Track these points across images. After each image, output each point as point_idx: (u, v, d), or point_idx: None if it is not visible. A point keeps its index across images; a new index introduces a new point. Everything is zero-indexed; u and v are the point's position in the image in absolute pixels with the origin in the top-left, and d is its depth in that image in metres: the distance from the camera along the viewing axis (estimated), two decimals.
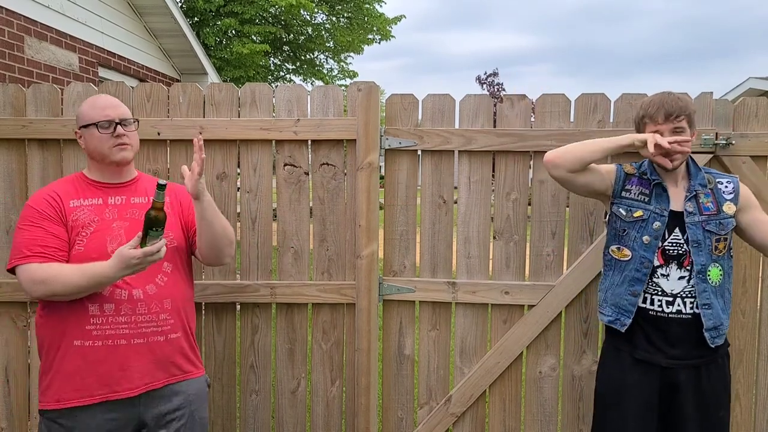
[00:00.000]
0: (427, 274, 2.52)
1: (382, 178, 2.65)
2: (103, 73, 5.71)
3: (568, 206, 2.45)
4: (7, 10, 4.33)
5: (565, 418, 2.50)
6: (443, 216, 2.49)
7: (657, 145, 1.87)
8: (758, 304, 2.42)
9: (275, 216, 2.52)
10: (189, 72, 7.54)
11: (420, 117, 2.46)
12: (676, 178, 2.00)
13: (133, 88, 2.48)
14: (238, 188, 2.50)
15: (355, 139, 2.42)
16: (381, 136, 2.43)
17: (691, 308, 1.94)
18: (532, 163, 2.46)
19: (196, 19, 13.53)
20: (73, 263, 1.77)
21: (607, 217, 2.11)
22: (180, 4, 12.79)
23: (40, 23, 4.72)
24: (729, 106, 2.37)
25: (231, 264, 2.51)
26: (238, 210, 2.51)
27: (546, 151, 2.39)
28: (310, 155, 2.49)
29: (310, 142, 2.47)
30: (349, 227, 2.49)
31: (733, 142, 2.32)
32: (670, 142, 1.87)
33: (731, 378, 2.08)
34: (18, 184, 2.49)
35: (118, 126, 1.86)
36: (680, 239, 1.95)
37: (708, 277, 1.94)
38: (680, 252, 1.95)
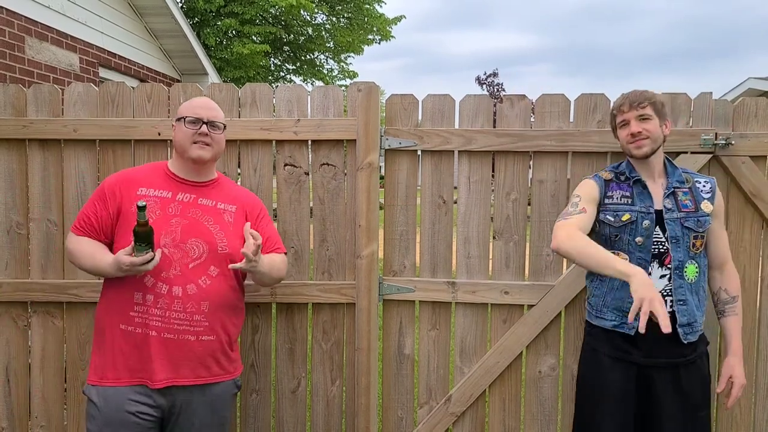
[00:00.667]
0: (427, 274, 2.52)
1: (382, 178, 2.66)
2: (103, 73, 5.71)
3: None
4: (7, 10, 4.34)
5: (564, 417, 2.50)
6: (443, 216, 2.50)
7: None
8: (757, 304, 2.43)
9: (275, 216, 2.53)
10: (189, 72, 7.54)
11: (420, 117, 2.47)
12: (653, 174, 2.03)
13: (133, 88, 2.49)
14: None
15: (355, 140, 2.43)
16: (381, 136, 2.44)
17: (671, 306, 1.96)
18: (531, 163, 2.46)
19: (196, 19, 13.54)
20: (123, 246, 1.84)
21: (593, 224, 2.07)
22: (180, 5, 12.80)
23: (41, 24, 4.72)
24: (728, 106, 2.37)
25: None
26: None
27: (546, 152, 2.41)
28: (310, 155, 2.50)
29: (310, 143, 2.48)
30: (349, 227, 2.50)
31: (733, 142, 2.32)
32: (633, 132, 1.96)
33: (711, 378, 2.09)
34: (18, 184, 2.50)
35: (204, 125, 1.95)
36: (661, 237, 1.97)
37: (684, 274, 1.96)
38: (662, 250, 1.97)
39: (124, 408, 1.84)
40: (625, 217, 2.00)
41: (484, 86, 35.12)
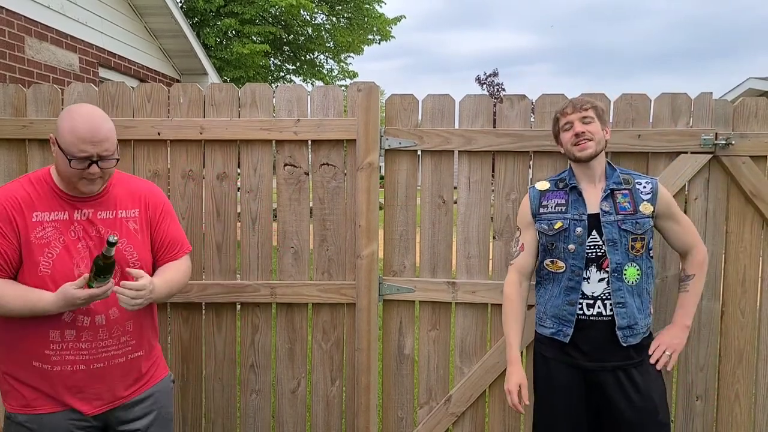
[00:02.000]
0: (427, 274, 2.52)
1: (382, 178, 2.66)
2: (103, 73, 5.71)
3: None
4: (7, 10, 4.34)
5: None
6: (443, 216, 2.50)
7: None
8: (757, 304, 2.42)
9: (275, 216, 2.53)
10: (189, 72, 7.54)
11: (420, 117, 2.47)
12: (593, 179, 2.04)
13: (133, 88, 2.48)
14: (239, 188, 2.51)
15: (355, 140, 2.43)
16: (381, 136, 2.44)
17: (611, 309, 1.97)
18: (531, 163, 2.46)
19: (196, 19, 13.54)
20: (37, 284, 1.70)
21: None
22: (180, 5, 12.80)
23: (41, 24, 4.72)
24: (728, 106, 2.37)
25: (231, 264, 2.52)
26: (239, 210, 2.51)
27: (546, 152, 2.41)
28: (310, 155, 2.50)
29: (310, 143, 2.48)
30: (349, 227, 2.49)
31: (733, 142, 2.32)
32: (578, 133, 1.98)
33: (664, 380, 2.07)
34: None
35: (93, 165, 1.69)
36: (598, 241, 1.98)
37: (624, 276, 1.97)
38: (599, 254, 1.98)
39: (63, 427, 1.77)
40: (558, 225, 2.03)
41: (484, 86, 35.09)
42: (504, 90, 34.31)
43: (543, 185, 2.13)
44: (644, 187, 2.04)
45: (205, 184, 2.49)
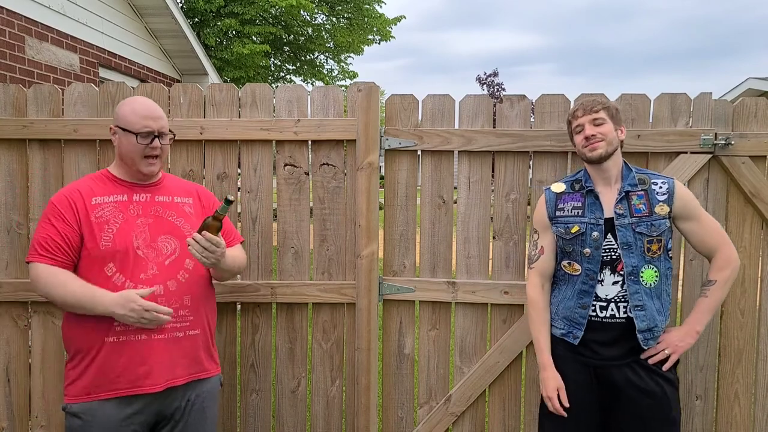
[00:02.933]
0: (427, 274, 2.52)
1: (382, 178, 2.66)
2: (103, 73, 5.72)
3: None
4: (7, 10, 4.34)
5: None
6: (443, 216, 2.50)
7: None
8: (757, 304, 2.43)
9: (275, 216, 2.53)
10: (189, 72, 7.55)
11: (420, 117, 2.47)
12: (609, 181, 2.02)
13: (133, 88, 2.49)
14: (239, 188, 2.51)
15: (355, 140, 2.43)
16: (381, 136, 2.44)
17: (625, 312, 1.96)
18: (531, 163, 2.46)
19: (196, 19, 13.55)
20: (99, 258, 1.80)
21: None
22: (180, 5, 12.81)
23: (41, 24, 4.73)
24: (728, 106, 2.38)
25: None
26: (239, 210, 2.51)
27: (545, 152, 2.41)
28: (310, 155, 2.50)
29: (310, 143, 2.48)
30: (349, 227, 2.50)
31: (732, 142, 2.32)
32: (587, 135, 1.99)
33: (677, 378, 2.06)
34: (19, 185, 2.50)
35: (156, 139, 1.89)
36: (613, 244, 1.97)
37: (641, 279, 1.95)
38: (613, 257, 1.97)
39: (115, 421, 1.81)
40: (574, 229, 2.02)
41: (485, 86, 35.12)
42: (504, 90, 34.32)
43: (558, 187, 2.11)
44: (660, 187, 2.00)
45: (206, 184, 2.50)
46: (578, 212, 2.03)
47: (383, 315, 2.54)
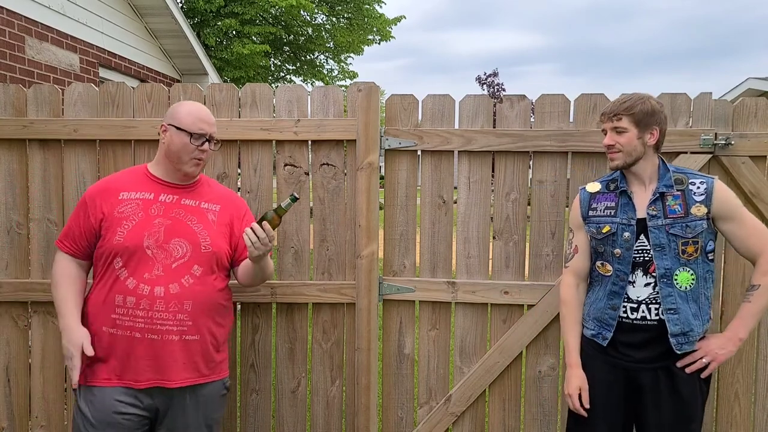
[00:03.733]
0: (427, 274, 2.52)
1: (382, 178, 2.66)
2: (103, 73, 5.72)
3: (567, 206, 2.45)
4: (7, 10, 4.34)
5: (564, 417, 2.50)
6: (443, 216, 2.50)
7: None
8: None
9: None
10: (189, 72, 7.54)
11: (420, 117, 2.47)
12: (643, 182, 1.99)
13: (134, 88, 2.49)
14: (239, 188, 2.51)
15: (355, 140, 2.43)
16: (381, 136, 2.44)
17: (657, 314, 1.92)
18: (531, 163, 2.46)
19: (196, 19, 13.55)
20: (111, 251, 1.88)
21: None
22: (180, 5, 12.81)
23: (41, 24, 4.73)
24: (728, 106, 2.38)
25: None
26: None
27: (545, 152, 2.42)
28: (310, 155, 2.50)
29: (310, 143, 2.48)
30: (349, 227, 2.50)
31: (732, 142, 2.32)
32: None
33: (706, 389, 2.00)
34: (19, 185, 2.50)
35: (207, 142, 1.96)
36: (646, 245, 1.94)
37: (675, 282, 1.91)
38: (646, 258, 1.94)
39: (111, 409, 1.85)
40: (606, 229, 1.99)
41: (485, 86, 35.12)
42: (504, 90, 34.32)
43: (593, 187, 2.08)
44: (698, 187, 1.92)
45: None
46: (611, 212, 2.00)
47: (383, 315, 2.54)
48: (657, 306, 1.92)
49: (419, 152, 2.47)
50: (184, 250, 1.91)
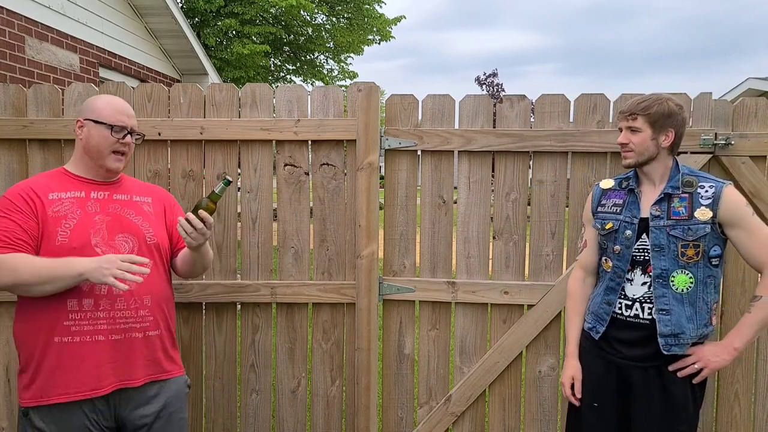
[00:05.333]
0: (427, 274, 2.52)
1: (382, 178, 2.66)
2: (103, 73, 5.72)
3: (567, 206, 2.46)
4: (7, 10, 4.34)
5: (564, 417, 2.50)
6: (443, 216, 2.50)
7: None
8: None
9: (275, 216, 2.53)
10: (189, 72, 7.55)
11: (420, 117, 2.47)
12: (653, 181, 1.99)
13: (133, 88, 2.49)
14: (239, 188, 2.51)
15: (355, 140, 2.43)
16: (381, 136, 2.44)
17: (649, 314, 1.93)
18: (531, 163, 2.46)
19: (196, 19, 13.55)
20: (54, 255, 1.73)
21: None
22: (180, 5, 12.81)
23: (41, 24, 4.73)
24: (728, 106, 2.38)
25: (232, 264, 2.52)
26: (239, 210, 2.51)
27: (545, 152, 2.42)
28: (310, 155, 2.50)
29: (310, 143, 2.48)
30: (349, 227, 2.50)
31: (732, 142, 2.32)
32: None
33: (699, 392, 1.97)
34: None
35: (128, 135, 1.89)
36: (647, 245, 1.94)
37: (671, 283, 1.90)
38: (645, 258, 1.94)
39: (76, 423, 1.75)
40: (609, 225, 2.02)
41: (484, 87, 35.13)
42: (503, 90, 34.34)
43: (607, 183, 2.11)
44: (706, 191, 1.90)
45: (206, 184, 2.50)
46: (617, 209, 2.02)
47: (383, 315, 2.54)
48: (651, 305, 1.93)
49: (419, 152, 2.47)
50: (131, 245, 1.85)
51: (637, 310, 1.95)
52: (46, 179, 1.87)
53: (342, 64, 16.97)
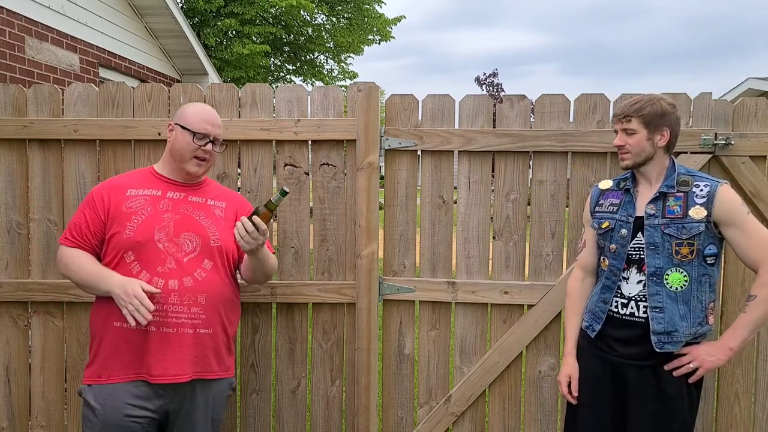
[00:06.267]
0: (427, 274, 2.52)
1: (382, 178, 2.66)
2: (103, 73, 5.71)
3: (567, 206, 2.46)
4: (7, 10, 4.34)
5: (564, 417, 2.50)
6: (443, 216, 2.50)
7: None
8: None
9: (276, 216, 2.52)
10: (189, 72, 7.54)
11: (420, 117, 2.47)
12: (649, 181, 2.00)
13: (133, 88, 2.49)
14: (239, 188, 2.51)
15: (355, 140, 2.43)
16: (381, 136, 2.44)
17: (644, 312, 1.94)
18: (531, 163, 2.46)
19: (196, 19, 13.55)
20: (121, 246, 1.87)
21: None
22: (180, 5, 12.81)
23: (41, 24, 4.72)
24: (728, 106, 2.38)
25: None
26: None
27: (545, 152, 2.42)
28: (310, 155, 2.50)
29: (310, 143, 2.48)
30: (349, 227, 2.50)
31: (732, 142, 2.32)
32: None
33: (696, 393, 1.97)
34: (19, 185, 2.50)
35: (210, 143, 1.98)
36: (642, 243, 1.95)
37: (665, 281, 1.91)
38: (641, 256, 1.95)
39: (121, 411, 1.84)
40: (605, 224, 2.03)
41: (484, 86, 35.14)
42: (503, 90, 34.34)
43: (605, 184, 2.13)
44: (701, 190, 1.91)
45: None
46: (614, 209, 2.04)
47: (383, 315, 2.54)
48: (645, 303, 1.94)
49: (419, 152, 2.47)
50: (194, 244, 1.93)
51: (632, 308, 1.96)
52: (131, 177, 2.03)
53: (342, 64, 16.98)
